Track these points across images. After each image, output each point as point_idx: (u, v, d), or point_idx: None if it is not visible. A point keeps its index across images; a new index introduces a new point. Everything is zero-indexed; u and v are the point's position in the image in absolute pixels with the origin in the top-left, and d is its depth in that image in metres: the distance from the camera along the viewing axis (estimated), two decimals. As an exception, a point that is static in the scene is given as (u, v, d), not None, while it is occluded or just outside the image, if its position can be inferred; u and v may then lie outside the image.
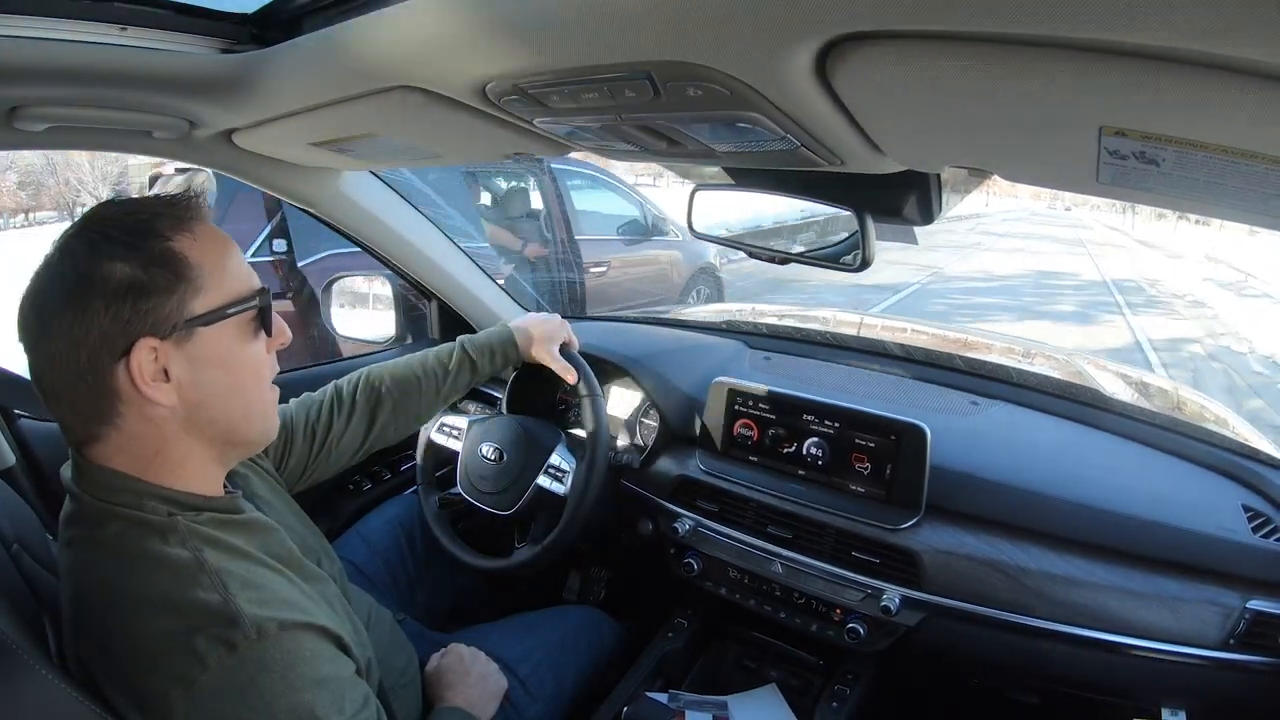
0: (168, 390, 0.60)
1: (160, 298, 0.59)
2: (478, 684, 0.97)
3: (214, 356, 0.62)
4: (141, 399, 0.59)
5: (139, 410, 0.60)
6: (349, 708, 0.60)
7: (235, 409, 0.65)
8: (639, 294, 4.73)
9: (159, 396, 0.59)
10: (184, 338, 0.60)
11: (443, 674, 0.97)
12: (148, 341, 0.58)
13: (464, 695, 0.95)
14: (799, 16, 0.43)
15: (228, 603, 0.56)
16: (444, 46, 0.63)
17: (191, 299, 0.60)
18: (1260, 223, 0.68)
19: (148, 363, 0.58)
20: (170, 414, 0.61)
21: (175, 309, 0.59)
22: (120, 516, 0.60)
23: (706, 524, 1.21)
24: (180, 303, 0.60)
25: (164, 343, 0.59)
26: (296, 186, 1.28)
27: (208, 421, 0.63)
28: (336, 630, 0.63)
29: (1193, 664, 0.92)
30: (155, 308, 0.59)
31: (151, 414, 0.60)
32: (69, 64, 0.76)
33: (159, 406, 0.60)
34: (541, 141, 0.87)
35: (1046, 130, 0.53)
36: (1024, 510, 1.03)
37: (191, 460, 0.64)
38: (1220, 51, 0.36)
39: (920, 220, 0.86)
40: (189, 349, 0.61)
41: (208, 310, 0.61)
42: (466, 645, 1.02)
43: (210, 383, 0.62)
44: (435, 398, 1.13)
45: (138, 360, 0.58)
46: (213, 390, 0.62)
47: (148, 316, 0.58)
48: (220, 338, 0.62)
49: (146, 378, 0.58)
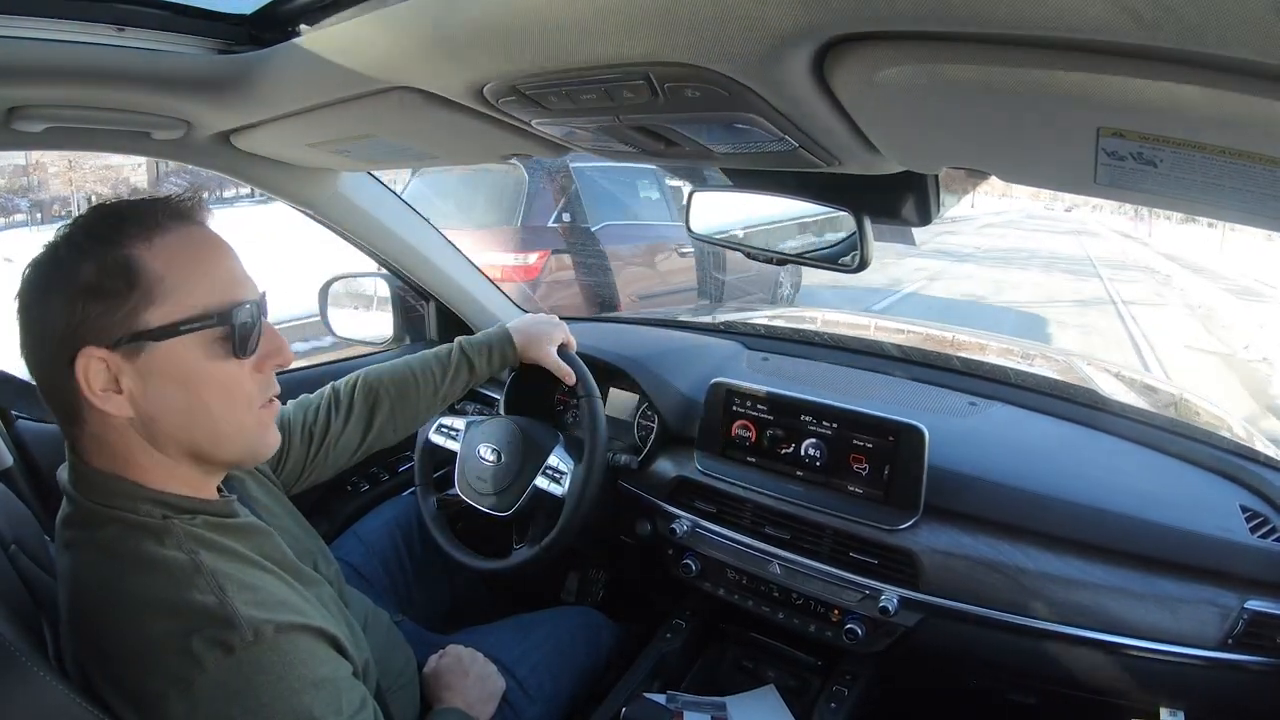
0: (119, 401, 0.58)
1: (108, 304, 0.57)
2: (476, 685, 0.97)
3: (170, 372, 0.59)
4: (95, 405, 0.58)
5: (99, 415, 0.59)
6: (346, 709, 0.60)
7: (200, 428, 0.62)
8: (743, 291, 5.29)
9: (108, 407, 0.58)
10: (133, 350, 0.58)
11: (441, 675, 0.97)
12: (94, 350, 0.57)
13: (462, 696, 0.95)
14: (797, 17, 0.43)
15: (224, 604, 0.56)
16: (441, 47, 0.63)
17: (144, 310, 0.58)
18: (1259, 223, 0.68)
19: (97, 371, 0.57)
20: (128, 424, 0.60)
21: (124, 319, 0.57)
22: (116, 519, 0.60)
23: (704, 525, 1.21)
24: (131, 313, 0.57)
25: (112, 353, 0.57)
26: (295, 187, 1.28)
27: (168, 436, 0.61)
28: (333, 632, 0.63)
29: (1191, 664, 0.92)
30: (103, 314, 0.57)
31: (110, 421, 0.59)
32: (66, 64, 0.76)
33: (113, 415, 0.59)
34: (539, 143, 0.87)
35: (1044, 131, 0.53)
36: (1022, 511, 1.03)
37: (166, 467, 0.62)
38: (1218, 53, 0.36)
39: (918, 221, 0.87)
40: (140, 362, 0.58)
41: (163, 324, 0.58)
42: (464, 646, 1.02)
43: (165, 398, 0.60)
44: (433, 399, 1.13)
45: (83, 367, 0.57)
46: (169, 406, 0.60)
47: (95, 323, 0.57)
48: (177, 354, 0.59)
49: (95, 387, 0.57)
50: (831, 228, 0.96)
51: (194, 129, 0.98)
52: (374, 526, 1.32)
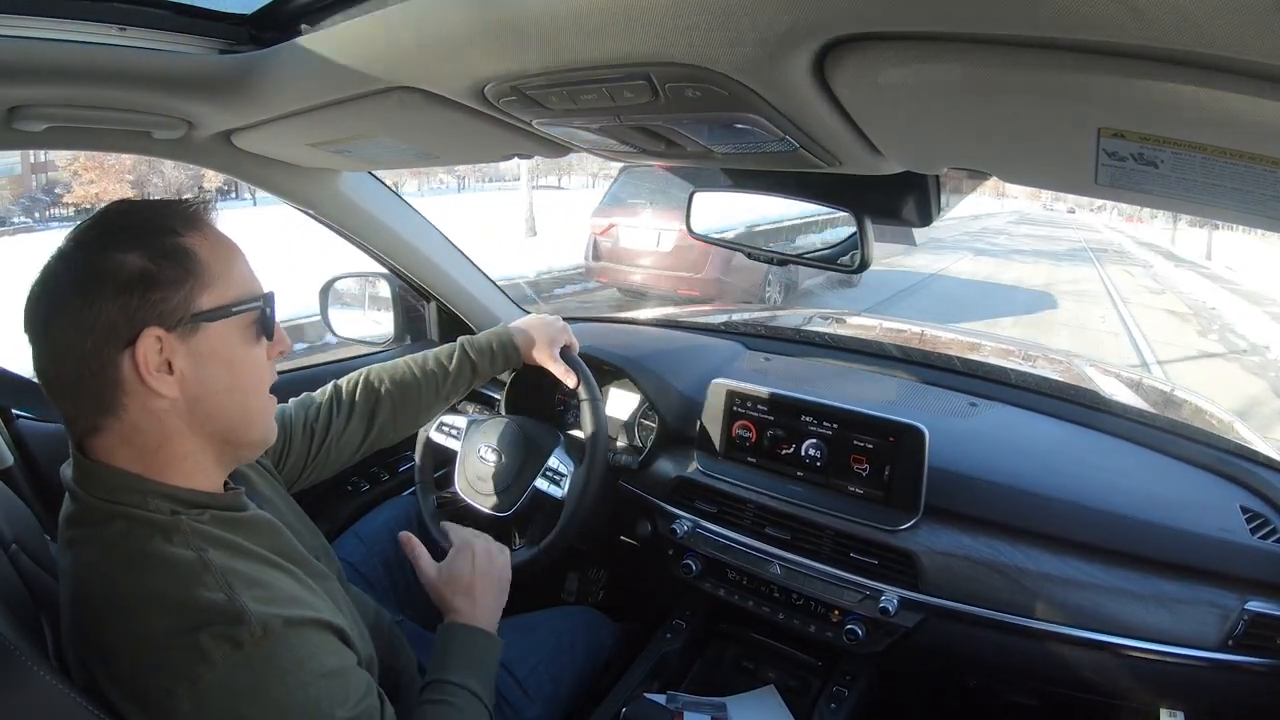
0: (171, 382, 0.61)
1: (169, 290, 0.60)
2: (491, 589, 0.96)
3: (217, 353, 0.63)
4: (144, 390, 0.60)
5: (141, 402, 0.60)
6: (353, 696, 0.61)
7: (235, 408, 0.65)
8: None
9: (162, 388, 0.60)
10: (189, 331, 0.61)
11: (456, 580, 0.94)
12: (153, 331, 0.59)
13: (483, 606, 0.93)
14: (798, 18, 0.43)
15: (233, 600, 0.57)
16: (442, 47, 0.63)
17: (199, 294, 0.62)
18: (1258, 224, 0.68)
19: (153, 353, 0.59)
20: (171, 407, 0.61)
21: (182, 302, 0.61)
22: (123, 515, 0.60)
23: (705, 525, 1.21)
24: (188, 296, 0.61)
25: (169, 334, 0.60)
26: (295, 187, 1.28)
27: (207, 417, 0.64)
28: (340, 624, 0.64)
29: (1191, 665, 0.92)
30: (163, 299, 0.60)
31: (153, 406, 0.61)
32: (68, 64, 0.76)
33: (161, 398, 0.60)
34: (540, 143, 0.87)
35: (1045, 132, 0.53)
36: (1023, 511, 1.03)
37: (192, 458, 0.64)
38: (1218, 53, 0.36)
39: (919, 222, 0.87)
40: (193, 343, 0.61)
41: (214, 306, 0.62)
42: (472, 536, 1.00)
43: (212, 379, 0.63)
44: (435, 399, 1.13)
45: (143, 350, 0.59)
46: (214, 387, 0.63)
47: (155, 307, 0.59)
48: (224, 335, 0.64)
49: (151, 368, 0.59)
50: (832, 228, 0.96)
51: (195, 128, 0.98)
52: (375, 526, 1.32)
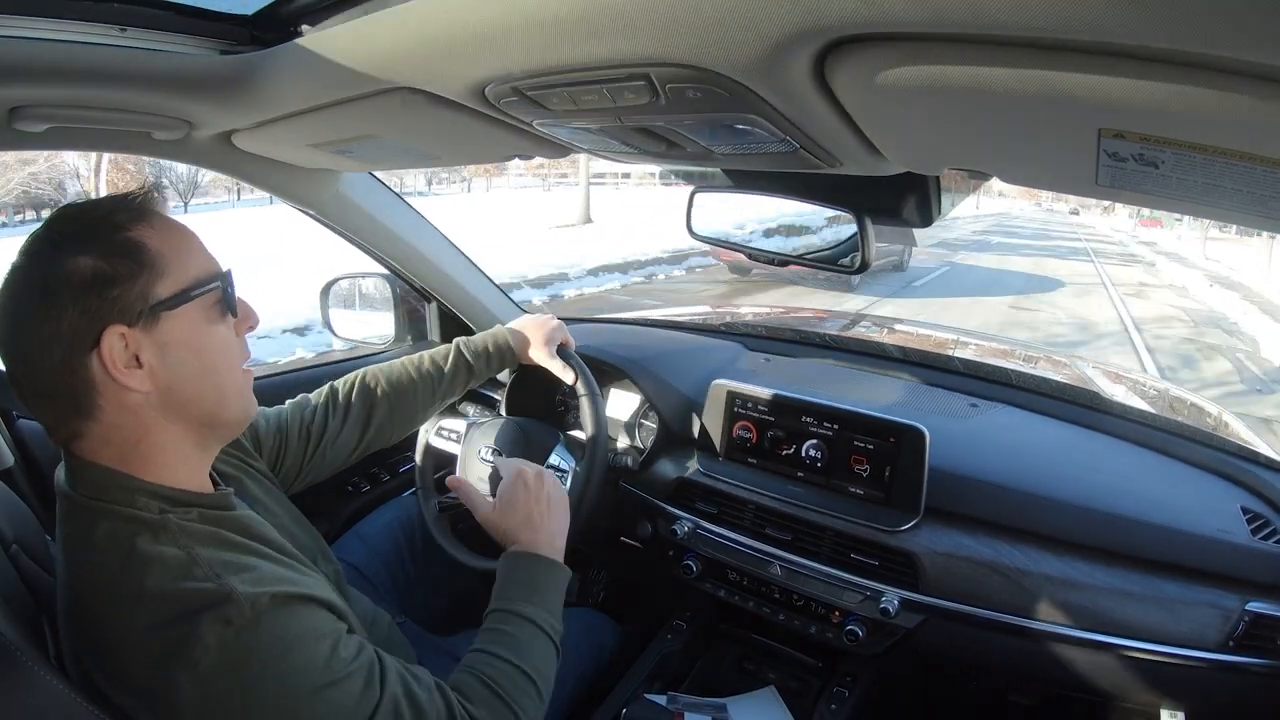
0: (141, 376, 0.61)
1: (124, 285, 0.60)
2: (551, 514, 0.92)
3: (182, 339, 0.63)
4: (116, 387, 0.60)
5: (116, 400, 0.61)
6: (346, 655, 0.62)
7: (209, 391, 0.66)
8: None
9: (132, 383, 0.60)
10: (151, 322, 0.61)
11: (512, 510, 0.90)
12: (116, 328, 0.59)
13: (544, 532, 0.90)
14: (798, 19, 0.43)
15: (221, 585, 0.57)
16: (443, 48, 0.63)
17: (154, 284, 0.62)
18: (1258, 225, 0.68)
19: (118, 350, 0.60)
20: (146, 400, 0.62)
21: (140, 295, 0.61)
22: (112, 514, 0.60)
23: (705, 526, 1.21)
24: (144, 289, 0.61)
25: (131, 329, 0.60)
26: (296, 188, 1.28)
27: (183, 404, 0.64)
28: (330, 599, 0.65)
29: (1192, 666, 0.92)
30: (120, 295, 0.60)
31: (128, 402, 0.61)
32: (68, 65, 0.76)
33: (134, 393, 0.61)
34: (541, 144, 0.87)
35: (1045, 132, 0.53)
36: (1023, 512, 1.03)
37: (173, 446, 0.64)
38: (1219, 53, 0.36)
39: (919, 222, 0.87)
40: (157, 334, 0.62)
41: (172, 294, 0.63)
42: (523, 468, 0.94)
43: (181, 365, 0.63)
44: (431, 400, 1.13)
45: (108, 348, 0.59)
46: (184, 373, 0.63)
47: (114, 304, 0.59)
48: (187, 320, 0.64)
49: (119, 365, 0.60)
50: (832, 228, 0.96)
51: (195, 129, 0.98)
52: (376, 527, 1.32)
